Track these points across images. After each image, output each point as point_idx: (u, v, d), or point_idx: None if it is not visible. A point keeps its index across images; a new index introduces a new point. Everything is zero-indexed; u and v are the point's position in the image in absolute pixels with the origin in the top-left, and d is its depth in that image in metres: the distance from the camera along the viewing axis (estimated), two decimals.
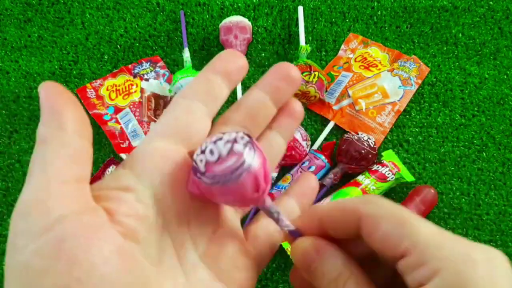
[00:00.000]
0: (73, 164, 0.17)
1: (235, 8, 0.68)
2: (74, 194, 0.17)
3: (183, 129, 0.21)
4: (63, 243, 0.15)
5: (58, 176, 0.17)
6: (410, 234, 0.16)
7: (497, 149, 0.59)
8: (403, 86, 0.60)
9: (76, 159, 0.17)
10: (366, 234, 0.18)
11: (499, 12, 0.66)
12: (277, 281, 0.52)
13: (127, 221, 0.17)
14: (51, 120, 0.18)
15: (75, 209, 0.16)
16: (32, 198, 0.16)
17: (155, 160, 0.19)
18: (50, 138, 0.17)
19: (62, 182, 0.17)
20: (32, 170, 0.17)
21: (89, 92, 0.61)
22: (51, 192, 0.16)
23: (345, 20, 0.67)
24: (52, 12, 0.68)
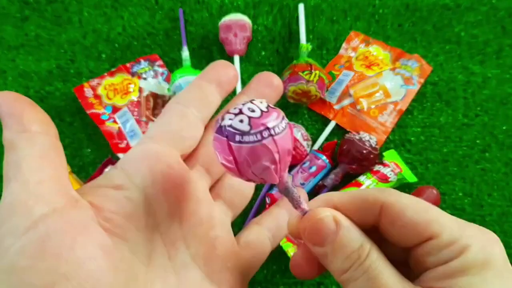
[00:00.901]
0: (45, 162, 0.17)
1: (235, 6, 0.67)
2: (54, 191, 0.17)
3: (177, 133, 0.21)
4: (47, 241, 0.15)
5: (34, 176, 0.16)
6: (436, 219, 0.18)
7: (500, 149, 0.58)
8: (405, 85, 0.60)
9: (47, 156, 0.17)
10: (389, 222, 0.18)
11: (502, 10, 0.65)
12: (277, 283, 0.51)
13: (114, 218, 0.17)
14: (13, 124, 0.18)
15: (57, 206, 0.16)
16: (13, 200, 0.16)
17: (147, 161, 0.20)
18: (17, 141, 0.17)
19: (39, 181, 0.16)
20: (8, 176, 0.17)
21: (87, 91, 0.60)
22: (30, 192, 0.16)
23: (346, 19, 0.66)
24: (49, 10, 0.67)
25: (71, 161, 0.57)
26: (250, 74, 0.63)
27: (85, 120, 0.60)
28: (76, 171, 0.56)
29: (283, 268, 0.52)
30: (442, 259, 0.17)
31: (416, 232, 0.18)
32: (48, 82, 0.62)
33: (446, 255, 0.17)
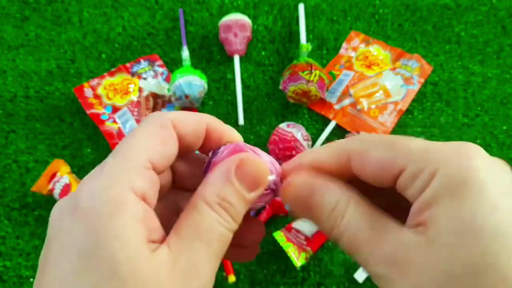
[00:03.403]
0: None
1: (235, 6, 0.67)
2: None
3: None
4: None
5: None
6: (401, 152, 0.17)
7: (500, 149, 0.58)
8: (406, 85, 0.60)
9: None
10: (358, 169, 0.18)
11: (502, 10, 0.65)
12: (277, 283, 0.51)
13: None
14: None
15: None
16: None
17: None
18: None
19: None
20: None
21: (87, 91, 0.60)
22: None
23: (346, 18, 0.66)
24: (49, 10, 0.67)
25: (71, 161, 0.57)
26: (250, 74, 0.63)
27: (85, 120, 0.60)
28: (76, 171, 0.56)
29: (283, 268, 0.52)
30: (418, 189, 0.16)
31: (385, 170, 0.17)
32: (48, 82, 0.62)
33: (418, 187, 0.16)
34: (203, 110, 0.61)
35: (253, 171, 0.19)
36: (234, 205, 0.19)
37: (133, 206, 0.16)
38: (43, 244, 0.17)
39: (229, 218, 0.18)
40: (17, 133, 0.59)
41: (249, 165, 0.19)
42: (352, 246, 0.18)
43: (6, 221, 0.55)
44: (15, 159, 0.58)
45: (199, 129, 0.20)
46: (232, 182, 0.19)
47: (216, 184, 0.19)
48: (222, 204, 0.18)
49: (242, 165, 0.19)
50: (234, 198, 0.19)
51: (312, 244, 0.49)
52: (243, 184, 0.19)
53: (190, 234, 0.17)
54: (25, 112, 0.60)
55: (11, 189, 0.56)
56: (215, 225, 0.18)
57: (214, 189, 0.19)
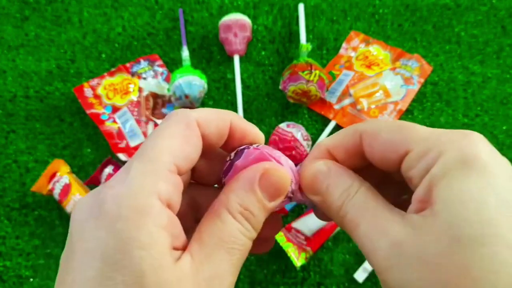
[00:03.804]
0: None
1: (235, 6, 0.67)
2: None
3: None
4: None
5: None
6: (409, 134, 0.18)
7: (500, 149, 0.58)
8: (406, 85, 0.60)
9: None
10: (368, 147, 0.19)
11: (502, 10, 0.65)
12: (277, 283, 0.51)
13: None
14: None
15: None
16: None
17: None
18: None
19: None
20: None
21: (87, 91, 0.60)
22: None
23: (346, 18, 0.66)
24: (49, 10, 0.67)
25: (71, 161, 0.57)
26: (250, 74, 0.63)
27: (85, 120, 0.60)
28: (76, 171, 0.56)
29: (283, 268, 0.52)
30: (422, 169, 0.17)
31: (392, 150, 0.18)
32: (48, 82, 0.62)
33: (423, 166, 0.17)
34: None
35: (276, 181, 0.20)
36: (256, 215, 0.19)
37: (158, 213, 0.16)
38: (43, 244, 0.17)
39: (250, 227, 0.19)
40: (17, 133, 0.59)
41: (273, 175, 0.19)
42: (353, 222, 0.18)
43: (6, 221, 0.55)
44: (15, 159, 0.58)
45: (223, 128, 0.20)
46: (255, 191, 0.19)
47: (239, 193, 0.19)
48: (245, 213, 0.19)
49: (266, 174, 0.19)
50: (256, 208, 0.19)
51: (312, 244, 0.49)
52: (265, 194, 0.19)
53: (212, 243, 0.17)
54: (25, 112, 0.60)
55: (11, 189, 0.56)
56: (237, 234, 0.18)
57: (237, 198, 0.19)
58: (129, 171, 0.17)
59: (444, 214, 0.15)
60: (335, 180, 0.20)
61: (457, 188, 0.15)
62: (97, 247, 0.15)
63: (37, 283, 0.52)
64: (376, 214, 0.18)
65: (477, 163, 0.16)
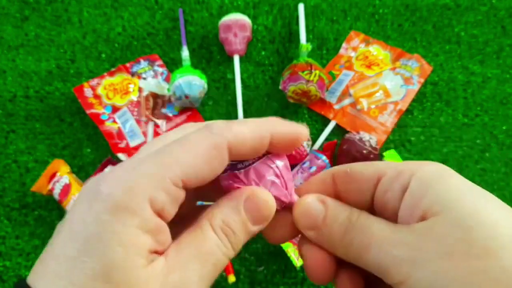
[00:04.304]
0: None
1: (235, 6, 0.67)
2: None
3: None
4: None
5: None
6: (379, 165, 0.20)
7: (500, 149, 0.58)
8: (405, 85, 0.60)
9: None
10: (341, 183, 0.21)
11: (502, 10, 0.65)
12: (277, 283, 0.51)
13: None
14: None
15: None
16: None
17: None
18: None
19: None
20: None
21: (86, 91, 0.60)
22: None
23: (346, 18, 0.66)
24: (49, 10, 0.67)
25: (71, 161, 0.57)
26: (250, 74, 0.63)
27: (85, 120, 0.60)
28: (76, 171, 0.56)
29: (283, 268, 0.52)
30: (398, 191, 0.18)
31: (365, 180, 0.20)
32: (48, 82, 0.62)
33: (399, 186, 0.18)
34: (203, 110, 0.61)
35: (261, 208, 0.20)
36: (236, 234, 0.19)
37: (146, 219, 0.17)
38: (43, 244, 0.18)
39: (229, 245, 0.19)
40: (17, 133, 0.59)
41: (258, 200, 0.20)
42: (362, 246, 0.19)
43: (6, 221, 0.55)
44: (15, 159, 0.58)
45: (259, 147, 0.19)
46: (240, 211, 0.19)
47: (223, 210, 0.19)
48: (225, 230, 0.19)
49: (252, 198, 0.20)
50: (238, 227, 0.19)
51: None
52: (249, 216, 0.19)
53: (188, 252, 0.18)
54: (25, 112, 0.60)
55: (11, 189, 0.56)
56: (214, 248, 0.18)
57: (221, 214, 0.19)
58: (141, 163, 0.17)
59: (448, 218, 0.16)
60: (332, 210, 0.20)
61: (448, 191, 0.17)
62: (81, 231, 0.16)
63: None
64: (385, 234, 0.18)
65: (451, 173, 0.18)
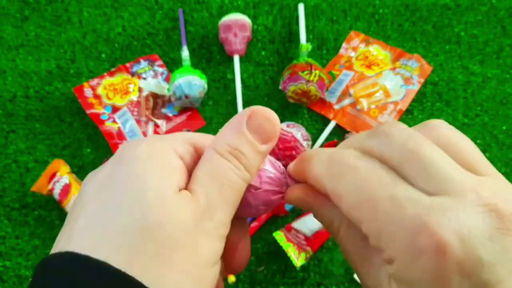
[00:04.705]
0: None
1: (235, 6, 0.67)
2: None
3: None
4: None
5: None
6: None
7: (500, 149, 0.58)
8: (405, 85, 0.60)
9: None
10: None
11: (502, 10, 0.65)
12: (277, 283, 0.51)
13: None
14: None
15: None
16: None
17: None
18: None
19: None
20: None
21: (86, 91, 0.60)
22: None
23: (346, 18, 0.66)
24: (49, 10, 0.67)
25: (71, 161, 0.57)
26: (250, 74, 0.63)
27: (85, 120, 0.60)
28: (76, 171, 0.56)
29: (283, 268, 0.52)
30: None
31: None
32: (48, 82, 0.62)
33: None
34: (203, 110, 0.61)
35: (265, 122, 0.19)
36: (246, 154, 0.19)
37: (174, 157, 0.18)
38: (43, 244, 0.18)
39: (241, 167, 0.19)
40: (17, 133, 0.59)
41: (261, 115, 0.19)
42: (347, 258, 0.20)
43: (6, 221, 0.55)
44: (15, 159, 0.58)
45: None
46: (244, 133, 0.19)
47: (227, 136, 0.19)
48: (234, 152, 0.19)
49: (254, 115, 0.19)
50: (246, 148, 0.19)
51: (312, 244, 0.49)
52: (255, 136, 0.19)
53: (205, 181, 0.18)
54: (25, 112, 0.60)
55: (11, 189, 0.56)
56: (227, 171, 0.18)
57: (225, 140, 0.19)
58: (160, 136, 0.19)
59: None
60: (318, 211, 0.21)
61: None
62: (107, 173, 0.18)
63: None
64: (360, 260, 0.20)
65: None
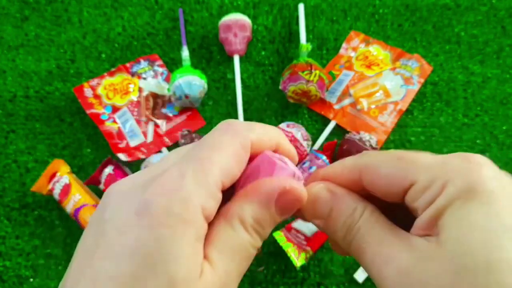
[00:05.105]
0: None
1: (235, 6, 0.67)
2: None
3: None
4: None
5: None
6: (411, 166, 0.18)
7: (500, 149, 0.58)
8: (405, 85, 0.60)
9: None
10: (369, 184, 0.19)
11: (502, 10, 0.65)
12: (277, 283, 0.51)
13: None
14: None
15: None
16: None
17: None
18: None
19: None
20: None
21: (86, 91, 0.60)
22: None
23: (346, 18, 0.66)
24: (49, 10, 0.67)
25: (71, 161, 0.57)
26: (250, 74, 0.63)
27: (85, 120, 0.60)
28: (76, 171, 0.56)
29: (283, 268, 0.52)
30: (427, 201, 0.17)
31: (395, 184, 0.18)
32: (48, 82, 0.62)
33: (429, 197, 0.17)
34: (203, 110, 0.61)
35: (293, 200, 0.19)
36: (266, 229, 0.19)
37: (200, 227, 0.17)
38: (43, 244, 0.17)
39: (259, 240, 0.19)
40: (17, 133, 0.59)
41: (292, 195, 0.19)
42: (359, 248, 0.18)
43: (6, 221, 0.55)
44: (15, 159, 0.58)
45: (270, 149, 0.21)
46: (271, 208, 0.19)
47: (254, 207, 0.19)
48: (256, 227, 0.19)
49: (285, 194, 0.19)
50: (268, 223, 0.19)
51: (312, 244, 0.49)
52: (279, 210, 0.19)
53: (226, 253, 0.18)
54: (25, 112, 0.60)
55: (11, 189, 0.56)
56: (247, 246, 0.18)
57: (251, 212, 0.19)
58: (184, 177, 0.17)
59: (450, 243, 0.15)
60: (338, 204, 0.20)
61: (462, 217, 0.16)
62: (136, 245, 0.15)
63: (37, 283, 0.52)
64: (382, 241, 0.18)
65: (482, 191, 0.16)
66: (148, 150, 0.57)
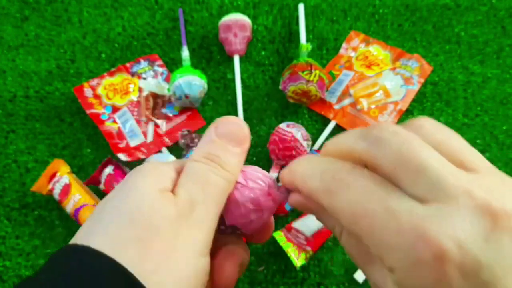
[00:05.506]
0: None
1: (235, 6, 0.67)
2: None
3: None
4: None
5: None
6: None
7: (500, 149, 0.58)
8: (405, 85, 0.60)
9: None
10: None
11: (502, 10, 0.65)
12: (277, 283, 0.51)
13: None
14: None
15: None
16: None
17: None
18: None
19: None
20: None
21: (86, 91, 0.60)
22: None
23: (346, 18, 0.66)
24: (49, 10, 0.67)
25: (71, 161, 0.57)
26: (250, 74, 0.63)
27: (85, 120, 0.60)
28: (76, 171, 0.56)
29: (283, 268, 0.52)
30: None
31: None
32: (48, 82, 0.62)
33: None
34: (203, 110, 0.61)
35: (232, 127, 0.21)
36: (221, 156, 0.20)
37: (167, 169, 0.21)
38: (43, 244, 0.18)
39: (218, 166, 0.20)
40: (17, 133, 0.59)
41: (227, 122, 0.21)
42: (351, 259, 0.20)
43: (6, 221, 0.55)
44: (15, 159, 0.58)
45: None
46: (214, 140, 0.21)
47: (201, 147, 0.21)
48: (209, 157, 0.20)
49: (221, 124, 0.21)
50: (219, 151, 0.20)
51: (312, 244, 0.49)
52: (226, 141, 0.21)
53: (186, 183, 0.20)
54: (25, 112, 0.60)
55: (11, 189, 0.56)
56: (206, 172, 0.20)
57: (199, 151, 0.21)
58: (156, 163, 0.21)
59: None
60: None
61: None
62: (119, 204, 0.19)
63: None
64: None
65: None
66: (148, 150, 0.57)
